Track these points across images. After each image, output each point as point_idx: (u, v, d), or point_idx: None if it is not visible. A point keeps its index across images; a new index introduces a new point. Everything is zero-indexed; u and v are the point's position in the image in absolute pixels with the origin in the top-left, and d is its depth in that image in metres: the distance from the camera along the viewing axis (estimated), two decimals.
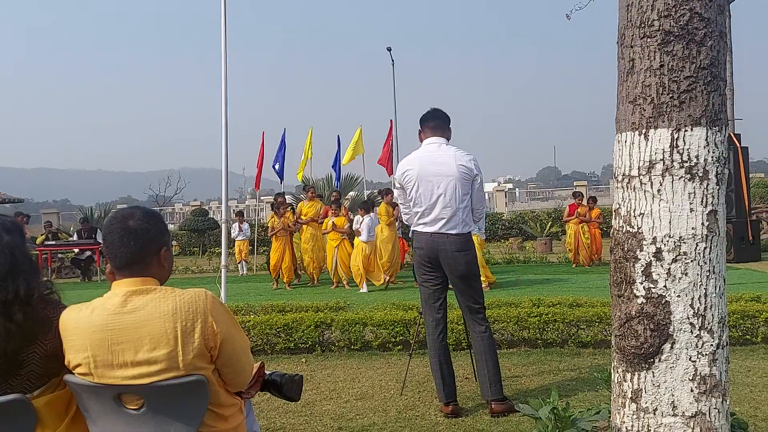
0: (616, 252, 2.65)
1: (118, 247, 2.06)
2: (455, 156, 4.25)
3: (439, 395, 4.27)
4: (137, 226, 2.09)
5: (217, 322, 2.02)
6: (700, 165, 2.46)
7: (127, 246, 2.06)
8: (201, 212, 25.95)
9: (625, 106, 2.61)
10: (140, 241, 2.08)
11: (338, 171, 18.11)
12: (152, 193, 41.98)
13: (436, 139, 4.34)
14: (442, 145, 4.32)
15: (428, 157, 4.29)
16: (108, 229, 2.10)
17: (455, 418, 4.13)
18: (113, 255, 2.08)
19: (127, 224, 2.09)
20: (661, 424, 2.50)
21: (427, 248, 4.27)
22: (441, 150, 4.29)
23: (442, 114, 4.43)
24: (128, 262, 2.06)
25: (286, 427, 4.09)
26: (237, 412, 2.17)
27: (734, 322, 5.83)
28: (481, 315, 4.31)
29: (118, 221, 2.10)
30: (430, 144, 4.34)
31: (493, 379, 4.21)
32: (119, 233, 2.07)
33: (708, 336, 2.48)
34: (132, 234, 2.08)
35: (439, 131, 4.36)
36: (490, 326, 4.37)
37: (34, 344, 2.00)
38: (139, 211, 2.15)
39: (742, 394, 4.40)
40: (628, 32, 2.59)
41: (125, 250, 2.06)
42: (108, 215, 2.19)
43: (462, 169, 4.22)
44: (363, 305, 8.15)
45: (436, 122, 4.38)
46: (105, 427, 2.03)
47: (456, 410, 4.20)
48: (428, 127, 4.38)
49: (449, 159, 4.24)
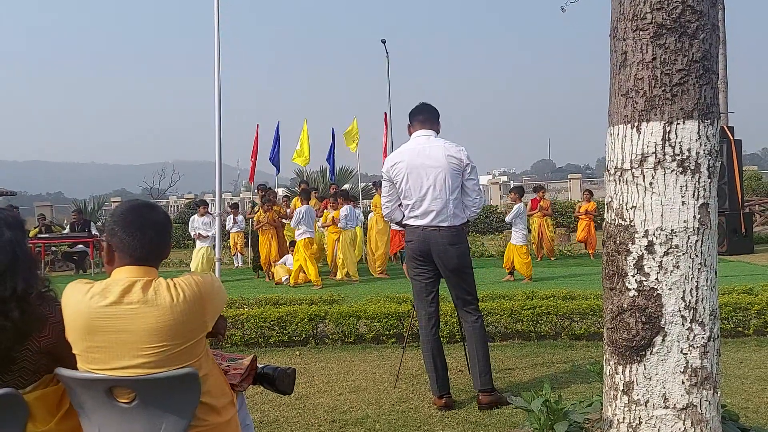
0: (608, 245, 2.66)
1: (149, 242, 2.07)
2: (444, 147, 4.22)
3: (432, 388, 4.28)
4: (163, 219, 2.15)
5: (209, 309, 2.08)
6: (692, 158, 2.47)
7: (158, 239, 2.09)
8: (195, 205, 25.91)
9: (617, 99, 2.61)
10: (167, 235, 2.14)
11: (332, 164, 18.08)
12: (146, 186, 41.82)
13: (425, 132, 4.33)
14: (431, 138, 4.30)
15: (417, 150, 4.26)
16: (136, 223, 2.07)
17: (448, 410, 4.15)
18: (140, 248, 2.06)
19: (153, 218, 2.12)
20: (652, 416, 2.51)
21: (418, 242, 4.25)
22: (430, 142, 4.27)
23: (430, 108, 4.42)
24: (152, 255, 2.08)
25: (280, 420, 4.09)
26: (229, 405, 2.18)
27: (726, 315, 5.86)
28: (474, 306, 4.31)
29: (143, 215, 2.11)
30: (419, 137, 4.32)
31: (483, 370, 4.21)
32: (151, 228, 2.09)
33: (699, 328, 2.49)
34: (162, 228, 2.12)
35: (428, 124, 4.35)
36: (482, 317, 4.36)
37: (28, 341, 1.99)
38: (154, 204, 2.22)
39: (733, 386, 4.43)
40: (620, 25, 2.59)
41: (153, 245, 2.08)
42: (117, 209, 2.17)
43: (451, 160, 4.19)
44: (357, 298, 8.15)
45: (424, 116, 4.37)
46: (97, 421, 2.02)
47: (449, 403, 4.21)
48: (417, 120, 4.37)
49: (438, 151, 4.21)
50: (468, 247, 4.36)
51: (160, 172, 43.48)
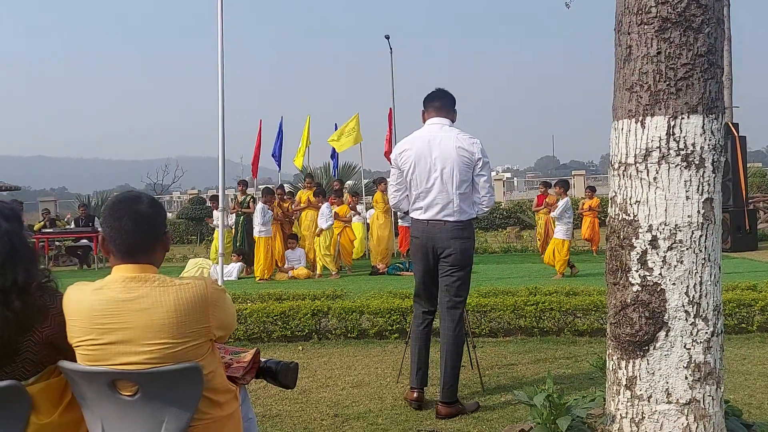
0: (612, 240, 2.65)
1: (128, 233, 2.01)
2: (456, 138, 4.00)
3: (411, 380, 4.17)
4: (148, 211, 2.06)
5: (215, 315, 2.03)
6: (696, 153, 2.46)
7: (140, 232, 2.02)
8: (198, 200, 25.93)
9: (621, 94, 2.60)
10: (151, 227, 2.06)
11: (336, 160, 18.07)
12: (150, 182, 41.82)
13: (439, 120, 4.10)
14: (444, 126, 4.08)
15: (428, 138, 4.05)
16: (116, 214, 2.03)
17: (418, 408, 4.06)
18: (121, 241, 2.01)
19: (138, 209, 2.05)
20: (655, 411, 2.51)
21: (423, 237, 4.08)
22: (443, 131, 4.05)
23: (447, 94, 4.19)
24: (137, 248, 2.03)
25: (283, 415, 4.10)
26: (232, 399, 2.17)
27: (730, 311, 5.85)
28: (459, 310, 4.09)
29: (126, 206, 2.05)
30: (433, 125, 4.11)
31: (448, 381, 3.99)
32: (131, 218, 2.02)
33: (703, 324, 2.48)
34: (143, 219, 2.04)
35: (443, 112, 4.12)
36: (462, 327, 4.11)
37: (30, 332, 1.99)
38: (144, 196, 2.12)
39: (737, 382, 4.42)
40: (625, 19, 2.57)
41: (136, 237, 2.02)
42: (108, 200, 2.12)
43: (462, 152, 3.98)
44: (360, 294, 8.16)
45: (441, 101, 4.14)
46: (100, 414, 2.03)
47: (420, 398, 4.09)
48: (432, 107, 4.15)
49: (449, 142, 3.99)
50: (473, 245, 4.16)
51: (164, 168, 43.49)
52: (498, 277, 10.42)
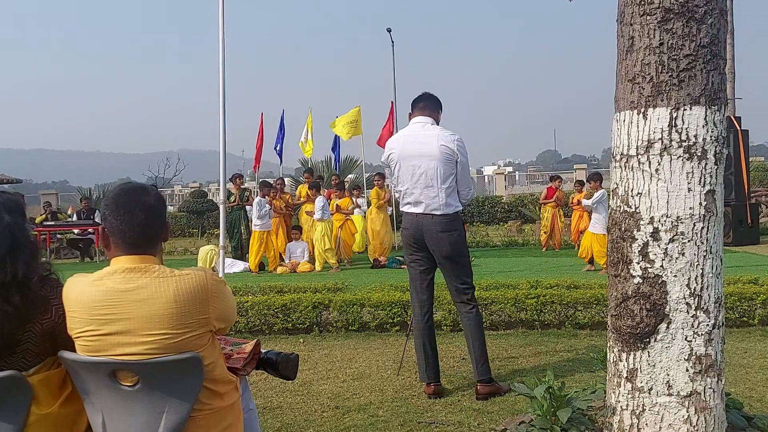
0: (613, 232, 2.64)
1: (140, 226, 2.01)
2: (438, 136, 4.15)
3: (421, 376, 4.26)
4: (156, 203, 2.08)
5: (215, 306, 2.03)
6: (698, 144, 2.45)
7: (151, 224, 2.03)
8: (200, 194, 25.96)
9: (623, 85, 2.59)
10: (160, 219, 2.07)
11: (337, 153, 18.07)
12: (151, 175, 41.82)
13: (422, 119, 4.26)
14: (426, 125, 4.24)
15: (411, 136, 4.23)
16: (126, 206, 2.03)
17: (438, 398, 4.12)
18: (132, 233, 2.01)
19: (149, 201, 2.06)
20: (656, 403, 2.51)
21: (412, 229, 4.23)
22: (425, 129, 4.21)
23: (432, 97, 4.37)
24: (147, 240, 2.03)
25: (283, 406, 4.10)
26: (233, 390, 2.18)
27: (731, 304, 5.85)
28: (468, 295, 4.23)
29: (136, 198, 2.05)
30: (416, 123, 4.27)
31: (479, 360, 4.15)
32: (143, 210, 2.03)
33: (704, 316, 2.48)
34: (155, 211, 2.06)
35: (427, 111, 4.29)
36: (477, 307, 4.27)
37: (31, 324, 1.99)
38: (149, 188, 2.13)
39: (738, 375, 4.42)
40: (627, 10, 2.56)
41: (147, 229, 2.03)
42: (110, 192, 2.12)
43: (444, 149, 4.11)
44: (361, 286, 8.16)
45: (424, 103, 4.32)
46: (100, 404, 2.03)
47: (438, 390, 4.18)
48: (417, 107, 4.33)
49: (431, 139, 4.14)
50: (463, 235, 4.29)
51: (165, 161, 43.50)
52: (499, 270, 10.42)
